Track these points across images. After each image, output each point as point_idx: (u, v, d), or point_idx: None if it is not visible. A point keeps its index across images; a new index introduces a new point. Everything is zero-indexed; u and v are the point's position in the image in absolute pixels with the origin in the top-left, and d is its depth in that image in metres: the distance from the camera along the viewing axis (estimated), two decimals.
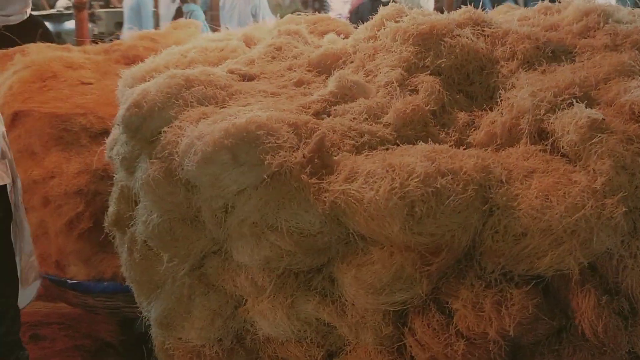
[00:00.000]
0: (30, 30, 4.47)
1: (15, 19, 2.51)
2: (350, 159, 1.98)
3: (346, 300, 1.95)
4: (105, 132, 3.43)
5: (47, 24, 9.48)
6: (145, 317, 2.41)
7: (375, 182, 1.82)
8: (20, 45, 3.96)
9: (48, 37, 4.61)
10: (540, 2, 2.81)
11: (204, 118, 2.21)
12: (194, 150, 2.02)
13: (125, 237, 2.48)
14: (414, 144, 2.08)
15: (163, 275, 2.27)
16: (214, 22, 6.68)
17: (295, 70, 2.56)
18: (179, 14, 8.03)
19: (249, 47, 3.04)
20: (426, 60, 2.34)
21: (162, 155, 2.20)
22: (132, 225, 2.44)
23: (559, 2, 2.82)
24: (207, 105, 2.31)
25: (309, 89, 2.45)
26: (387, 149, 2.05)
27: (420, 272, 1.79)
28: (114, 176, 3.20)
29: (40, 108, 3.46)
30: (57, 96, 3.54)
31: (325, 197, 1.88)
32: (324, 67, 2.55)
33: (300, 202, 1.90)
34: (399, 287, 1.83)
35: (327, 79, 2.50)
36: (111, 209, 2.62)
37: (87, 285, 3.45)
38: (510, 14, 2.79)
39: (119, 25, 9.43)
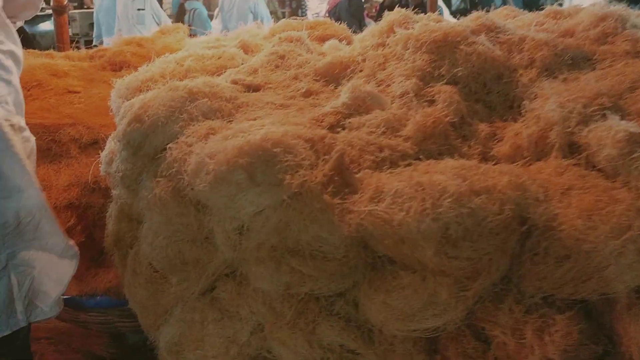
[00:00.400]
0: None
1: (19, 25, 2.39)
2: (374, 176, 1.84)
3: (372, 326, 1.81)
4: (96, 143, 3.28)
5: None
6: (153, 342, 2.25)
7: (405, 203, 1.69)
8: None
9: (29, 44, 4.40)
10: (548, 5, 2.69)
11: (213, 133, 2.06)
12: (205, 169, 1.87)
13: (127, 258, 2.32)
14: (436, 159, 1.95)
15: (172, 299, 2.12)
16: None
17: (301, 80, 2.42)
18: (181, 10, 7.81)
19: (247, 54, 2.90)
20: (441, 69, 2.21)
21: (168, 173, 2.05)
22: (134, 245, 2.28)
23: (560, 4, 2.72)
24: (213, 119, 2.16)
25: (318, 99, 2.31)
26: (409, 164, 1.92)
27: (456, 298, 1.66)
28: (105, 188, 3.04)
29: (26, 119, 3.26)
30: (44, 106, 3.37)
31: (350, 219, 1.74)
32: (332, 76, 2.42)
33: (324, 224, 1.76)
34: (431, 313, 1.70)
35: (335, 88, 2.37)
36: (110, 228, 2.46)
37: (78, 301, 3.30)
38: (519, 19, 2.68)
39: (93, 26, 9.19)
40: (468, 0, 9.88)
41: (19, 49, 2.30)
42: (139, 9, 7.44)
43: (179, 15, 8.09)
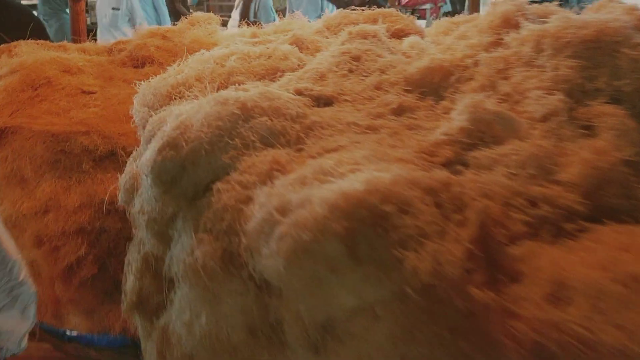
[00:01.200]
0: (19, 24, 3.53)
1: None
2: (542, 254, 1.10)
3: None
4: (113, 155, 2.58)
5: (36, 12, 8.49)
6: None
7: (615, 311, 0.95)
8: (7, 42, 3.05)
9: (41, 34, 3.62)
10: None
11: (279, 170, 1.33)
12: (277, 233, 1.13)
13: (153, 331, 1.59)
14: (616, 220, 1.21)
15: None
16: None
17: (388, 91, 1.67)
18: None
19: (302, 52, 2.14)
20: (597, 81, 1.46)
21: (215, 228, 1.33)
22: (162, 315, 1.55)
23: None
24: (276, 147, 1.42)
25: (415, 118, 1.57)
26: (580, 230, 1.18)
27: None
28: (124, 210, 2.33)
29: (32, 124, 2.61)
30: (52, 109, 2.68)
31: (516, 329, 1.00)
32: (430, 86, 1.67)
33: (472, 337, 1.02)
34: None
35: (436, 103, 1.63)
36: (131, 284, 1.72)
37: (89, 339, 2.65)
38: None
39: None
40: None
41: None
42: (113, 8, 6.45)
43: (245, 4, 7.13)
